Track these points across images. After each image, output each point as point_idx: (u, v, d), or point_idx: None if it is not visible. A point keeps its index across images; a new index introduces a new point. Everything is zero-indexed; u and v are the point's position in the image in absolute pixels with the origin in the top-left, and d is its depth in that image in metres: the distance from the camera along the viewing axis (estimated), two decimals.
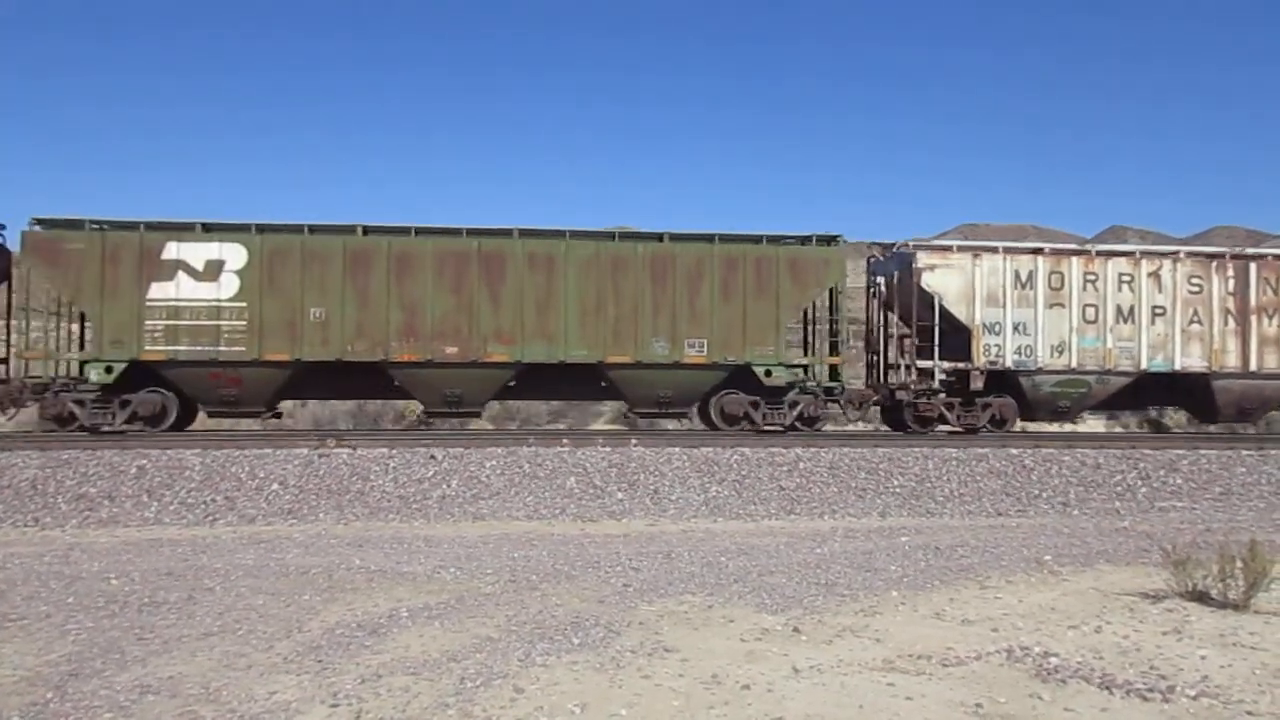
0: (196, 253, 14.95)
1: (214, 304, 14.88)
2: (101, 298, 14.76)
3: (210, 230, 15.14)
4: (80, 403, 14.83)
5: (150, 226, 15.06)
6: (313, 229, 15.40)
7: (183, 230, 15.10)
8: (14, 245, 15.53)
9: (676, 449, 14.02)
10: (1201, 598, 6.96)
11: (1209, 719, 4.61)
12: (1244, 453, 14.86)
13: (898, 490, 13.26)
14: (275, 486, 12.49)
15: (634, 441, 14.58)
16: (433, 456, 13.38)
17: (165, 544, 10.07)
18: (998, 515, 12.70)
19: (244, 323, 14.90)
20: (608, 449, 13.96)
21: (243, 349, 14.89)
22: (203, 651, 5.75)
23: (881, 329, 17.78)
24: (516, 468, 13.19)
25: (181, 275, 14.88)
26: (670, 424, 19.07)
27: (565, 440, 14.64)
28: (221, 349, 14.86)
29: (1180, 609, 6.79)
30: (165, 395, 15.21)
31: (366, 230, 15.50)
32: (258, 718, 4.58)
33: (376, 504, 12.27)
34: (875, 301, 17.92)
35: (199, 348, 14.85)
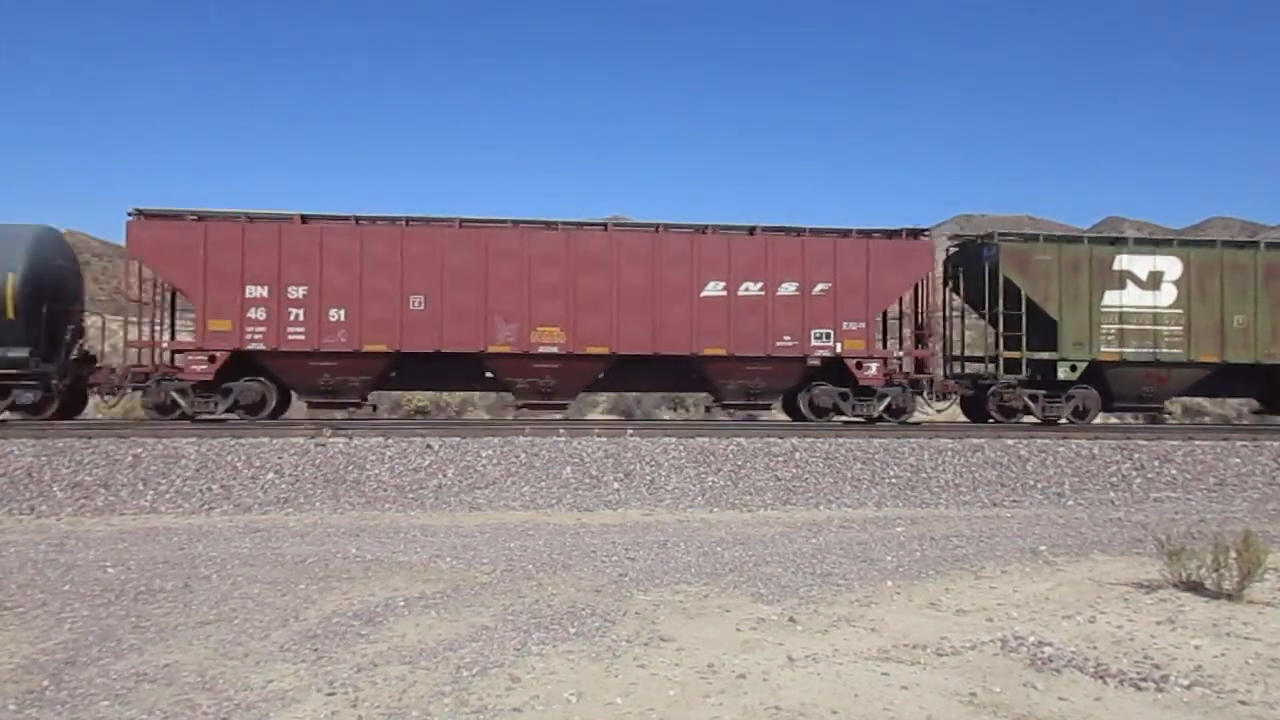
0: (1140, 265, 17.11)
1: (1154, 310, 17.01)
2: (1063, 303, 16.86)
3: (1143, 244, 17.54)
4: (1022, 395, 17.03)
5: (1093, 240, 17.58)
6: (1221, 242, 17.70)
7: (1124, 244, 17.48)
8: None
9: (672, 439, 14.02)
10: (1195, 588, 6.98)
11: (1202, 708, 4.63)
12: (1238, 444, 14.91)
13: (893, 480, 13.28)
14: (271, 475, 12.48)
15: (630, 431, 14.60)
16: (429, 446, 13.37)
17: (161, 532, 10.06)
18: (993, 505, 12.73)
19: (1180, 328, 17.04)
20: (604, 439, 13.96)
21: (1179, 351, 17.03)
22: (199, 640, 5.75)
23: None
24: (513, 457, 13.19)
25: (1129, 284, 17.03)
26: (668, 414, 19.07)
27: (561, 430, 14.65)
28: (1161, 350, 17.00)
29: (1174, 599, 6.81)
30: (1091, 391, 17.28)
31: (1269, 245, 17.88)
32: (254, 706, 4.59)
33: (373, 493, 12.27)
34: None
35: (1143, 349, 17.00)
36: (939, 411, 18.19)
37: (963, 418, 18.60)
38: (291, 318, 15.26)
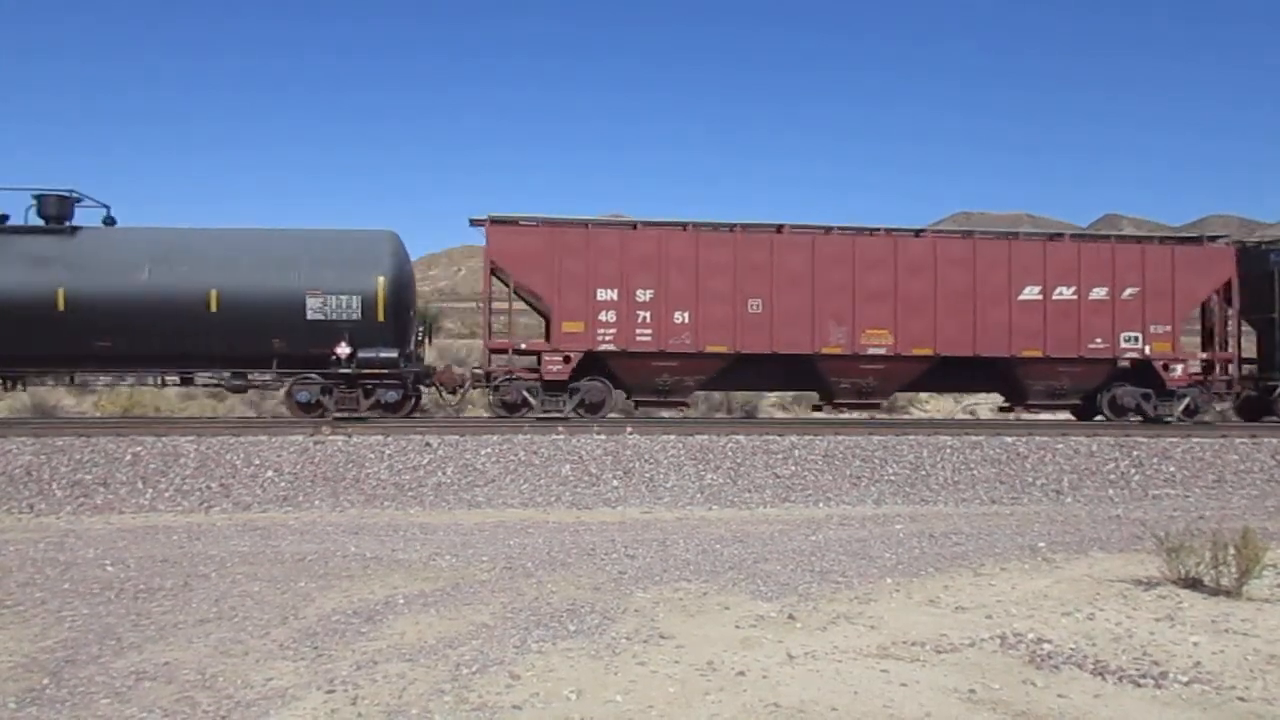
0: None
1: None
2: None
3: None
4: None
5: None
6: None
7: None
8: None
9: (672, 437, 14.03)
10: (1194, 584, 6.99)
11: (1201, 705, 4.64)
12: (1237, 441, 14.92)
13: (892, 478, 13.30)
14: (270, 474, 12.48)
15: (629, 429, 14.60)
16: (428, 444, 13.37)
17: (160, 530, 10.07)
18: (992, 503, 12.74)
19: None
20: (603, 436, 13.96)
21: None
22: (199, 638, 5.75)
23: None
24: (512, 455, 13.19)
25: None
26: (666, 412, 19.10)
27: (560, 428, 14.66)
28: None
29: (1173, 596, 6.82)
30: None
31: None
32: (254, 704, 4.59)
33: (372, 491, 12.27)
34: None
35: None
36: (1220, 411, 18.72)
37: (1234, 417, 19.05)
38: (639, 320, 15.95)
